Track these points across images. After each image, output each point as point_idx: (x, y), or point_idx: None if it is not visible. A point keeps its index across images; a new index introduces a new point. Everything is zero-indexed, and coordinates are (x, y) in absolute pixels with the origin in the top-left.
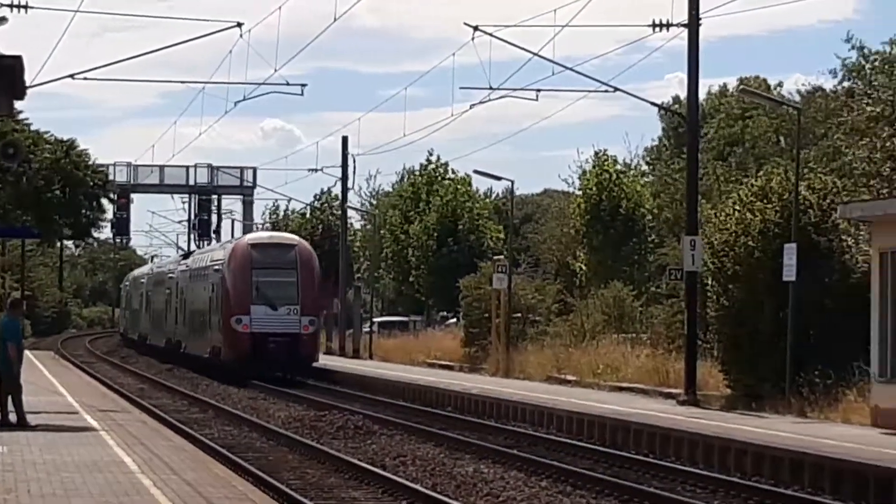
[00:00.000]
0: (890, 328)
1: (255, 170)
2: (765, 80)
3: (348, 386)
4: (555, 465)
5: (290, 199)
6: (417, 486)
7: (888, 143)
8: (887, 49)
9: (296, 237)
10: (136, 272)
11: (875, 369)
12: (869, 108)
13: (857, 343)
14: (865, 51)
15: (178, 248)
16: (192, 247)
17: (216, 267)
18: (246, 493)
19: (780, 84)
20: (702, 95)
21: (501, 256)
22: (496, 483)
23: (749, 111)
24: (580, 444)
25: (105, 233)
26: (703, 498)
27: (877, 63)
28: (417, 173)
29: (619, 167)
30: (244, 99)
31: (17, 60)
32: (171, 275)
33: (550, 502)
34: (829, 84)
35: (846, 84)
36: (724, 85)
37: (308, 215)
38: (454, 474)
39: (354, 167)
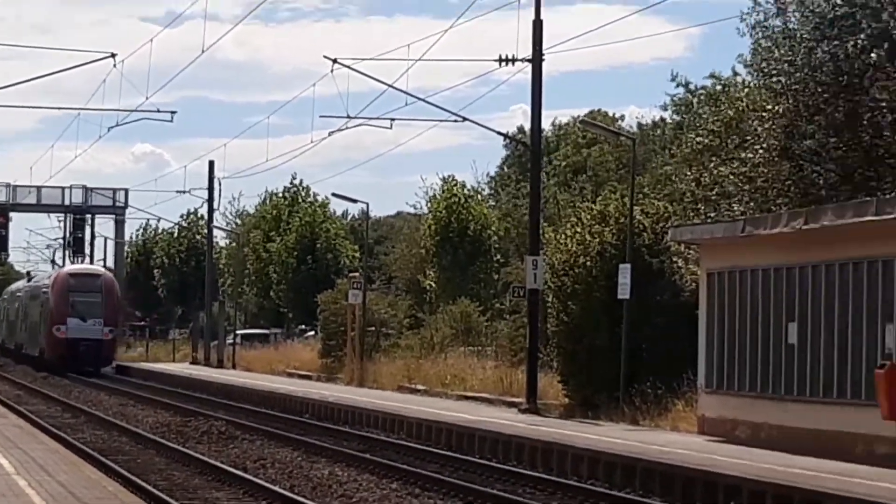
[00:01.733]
0: (716, 343)
1: (126, 191)
2: (607, 113)
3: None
4: (405, 468)
5: (159, 219)
6: (276, 488)
7: (715, 172)
8: (710, 84)
9: (102, 269)
10: (6, 290)
11: (702, 381)
12: (697, 140)
13: (686, 357)
14: (691, 86)
15: (54, 263)
16: (68, 263)
17: (44, 289)
18: (116, 494)
19: (621, 117)
20: (545, 125)
21: (356, 273)
22: (350, 485)
23: (593, 141)
24: (429, 450)
25: None
26: (542, 499)
27: (702, 97)
28: (280, 195)
29: (467, 192)
30: (117, 125)
31: None
32: (18, 293)
33: (400, 503)
34: (667, 115)
35: (676, 118)
36: (578, 117)
37: (176, 234)
38: (311, 476)
39: (220, 189)
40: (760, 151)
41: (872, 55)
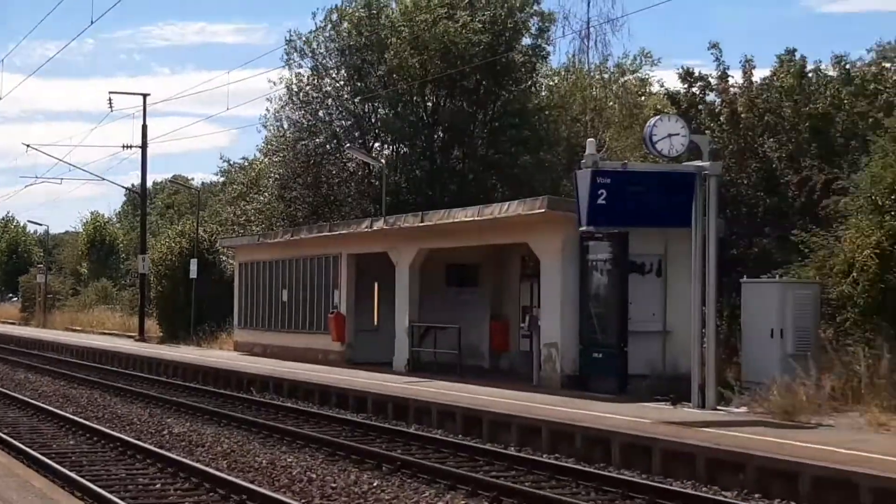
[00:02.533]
0: (244, 301)
1: None
2: (186, 178)
3: None
4: (71, 374)
5: None
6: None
7: (244, 208)
8: (241, 160)
9: None
10: None
11: (236, 322)
12: (233, 188)
13: (229, 309)
14: (231, 161)
15: None
16: None
17: None
18: None
19: (193, 178)
20: (149, 183)
21: (41, 265)
22: (39, 382)
23: (177, 192)
24: (82, 363)
25: None
26: (145, 387)
27: (237, 167)
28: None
29: (105, 219)
30: None
31: None
32: None
33: (67, 392)
34: (216, 178)
35: (223, 179)
36: (167, 178)
37: None
38: (14, 379)
39: None
40: (268, 196)
41: (327, 147)
